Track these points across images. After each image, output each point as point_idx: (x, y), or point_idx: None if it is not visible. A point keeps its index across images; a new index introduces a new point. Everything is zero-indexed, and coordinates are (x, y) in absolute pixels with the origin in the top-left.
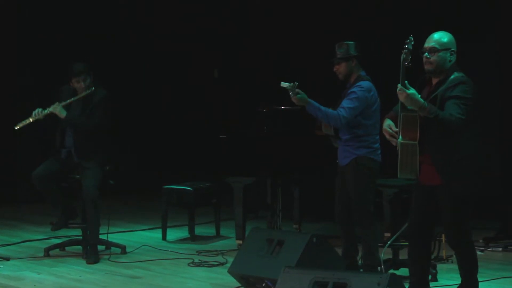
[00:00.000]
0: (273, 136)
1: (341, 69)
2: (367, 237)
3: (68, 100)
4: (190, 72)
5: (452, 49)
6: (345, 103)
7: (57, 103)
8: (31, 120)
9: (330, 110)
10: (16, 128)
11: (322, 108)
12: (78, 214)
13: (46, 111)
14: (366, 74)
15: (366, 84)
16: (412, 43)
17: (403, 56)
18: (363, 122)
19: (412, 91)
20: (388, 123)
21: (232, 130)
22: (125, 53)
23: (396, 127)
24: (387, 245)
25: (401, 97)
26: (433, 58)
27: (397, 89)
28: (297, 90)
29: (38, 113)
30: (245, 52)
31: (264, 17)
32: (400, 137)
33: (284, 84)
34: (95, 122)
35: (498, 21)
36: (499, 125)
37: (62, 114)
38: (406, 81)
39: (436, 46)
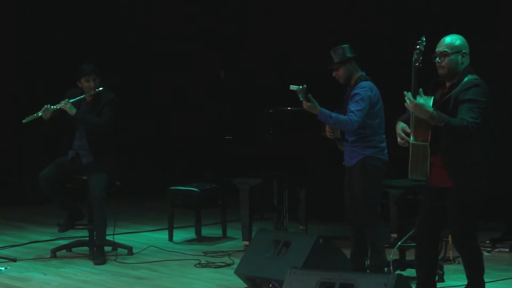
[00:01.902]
0: (279, 137)
1: (340, 73)
2: (374, 237)
3: (77, 98)
4: (192, 72)
5: (464, 51)
6: (353, 106)
7: (66, 100)
8: (40, 115)
9: (341, 116)
10: (23, 121)
11: (333, 115)
12: (84, 215)
13: (55, 107)
14: (366, 74)
15: (367, 84)
16: (424, 43)
17: (414, 57)
18: (369, 122)
19: (420, 101)
20: (401, 126)
21: (238, 131)
22: (125, 53)
23: (409, 128)
24: (396, 246)
25: (409, 107)
26: (445, 62)
27: (406, 101)
28: (309, 96)
29: (47, 109)
30: (245, 52)
31: (264, 17)
32: (411, 137)
33: (293, 87)
34: (106, 121)
35: (498, 21)
36: (503, 126)
37: (72, 111)
38: (421, 89)
39: (447, 50)
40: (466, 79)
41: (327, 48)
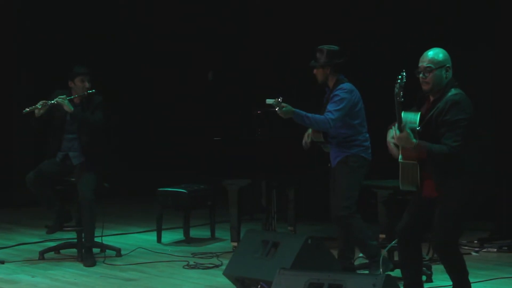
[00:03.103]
0: (267, 138)
1: (318, 74)
2: (351, 230)
3: (71, 97)
4: (188, 73)
5: (447, 65)
6: (331, 106)
7: (64, 96)
8: (39, 107)
9: (317, 116)
10: (24, 112)
11: (309, 115)
12: (72, 217)
13: (53, 101)
14: (345, 77)
15: (347, 86)
16: (405, 80)
17: (396, 90)
18: (351, 122)
19: (403, 134)
20: (392, 134)
21: (227, 133)
22: (125, 53)
23: None
24: (385, 250)
25: (395, 140)
26: (429, 77)
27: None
28: (282, 104)
29: (45, 103)
30: (245, 52)
31: (264, 17)
32: (400, 156)
33: (269, 101)
34: (101, 119)
35: (498, 21)
36: (493, 126)
37: (71, 108)
38: (403, 123)
39: (431, 65)
40: (449, 93)
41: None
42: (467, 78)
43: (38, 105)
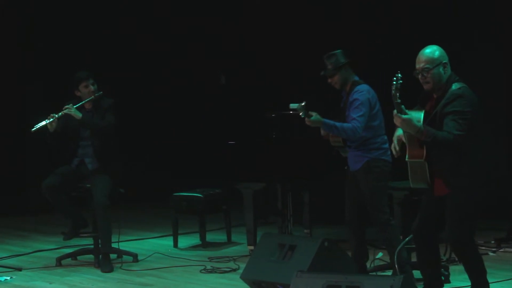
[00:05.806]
0: (282, 141)
1: (335, 79)
2: (388, 239)
3: (79, 103)
4: (197, 76)
5: (444, 61)
6: (354, 113)
7: (70, 104)
8: (47, 122)
9: (345, 125)
10: (32, 130)
11: (338, 124)
12: (88, 223)
13: (60, 114)
14: (360, 78)
15: (364, 87)
16: (400, 81)
17: (392, 92)
18: (369, 124)
19: (407, 116)
20: (398, 134)
21: (241, 136)
22: (130, 56)
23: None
24: (397, 249)
25: (397, 122)
26: (429, 77)
27: (393, 114)
28: (310, 112)
29: (52, 117)
30: (245, 52)
31: (264, 17)
32: (407, 156)
33: (293, 106)
34: (111, 122)
35: (498, 21)
36: (505, 124)
37: (78, 115)
38: (402, 106)
39: (428, 66)
40: (453, 87)
41: (327, 48)
42: (477, 75)
43: (47, 120)
